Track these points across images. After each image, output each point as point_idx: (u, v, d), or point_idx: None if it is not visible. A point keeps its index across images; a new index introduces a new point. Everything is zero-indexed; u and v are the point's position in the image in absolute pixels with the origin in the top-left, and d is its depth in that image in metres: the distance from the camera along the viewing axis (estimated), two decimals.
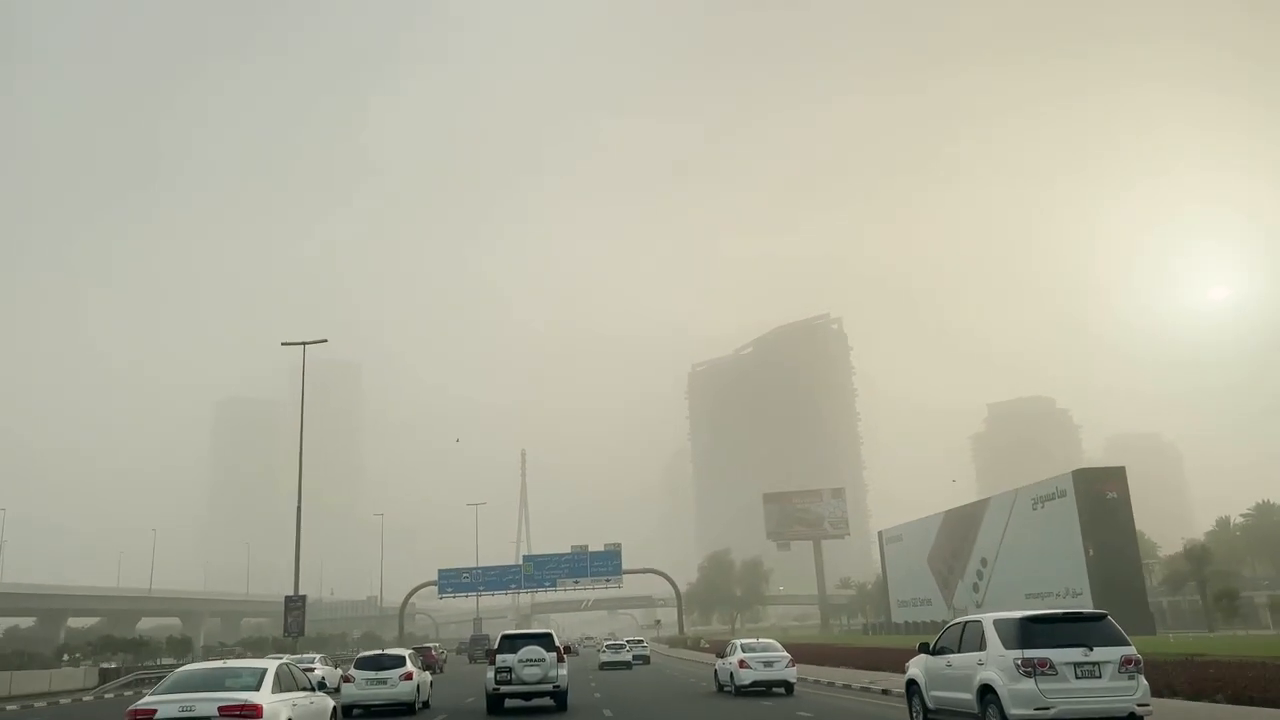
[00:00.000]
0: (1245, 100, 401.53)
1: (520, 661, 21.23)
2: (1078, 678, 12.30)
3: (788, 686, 24.94)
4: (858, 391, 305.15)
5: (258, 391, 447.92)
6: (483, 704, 22.05)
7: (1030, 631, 12.71)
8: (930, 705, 14.83)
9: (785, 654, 25.56)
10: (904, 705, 16.52)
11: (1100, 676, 12.36)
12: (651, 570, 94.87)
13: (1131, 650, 12.70)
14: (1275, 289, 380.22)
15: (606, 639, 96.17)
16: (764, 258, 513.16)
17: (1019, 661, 12.40)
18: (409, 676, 22.83)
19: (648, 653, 52.64)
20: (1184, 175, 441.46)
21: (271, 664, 13.21)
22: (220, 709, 11.44)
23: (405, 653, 24.48)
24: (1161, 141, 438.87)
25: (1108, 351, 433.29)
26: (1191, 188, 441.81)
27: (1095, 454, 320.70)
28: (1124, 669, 12.46)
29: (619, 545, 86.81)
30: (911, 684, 15.55)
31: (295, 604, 43.46)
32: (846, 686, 26.56)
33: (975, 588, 74.01)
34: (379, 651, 25.17)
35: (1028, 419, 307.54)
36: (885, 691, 23.30)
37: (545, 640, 21.76)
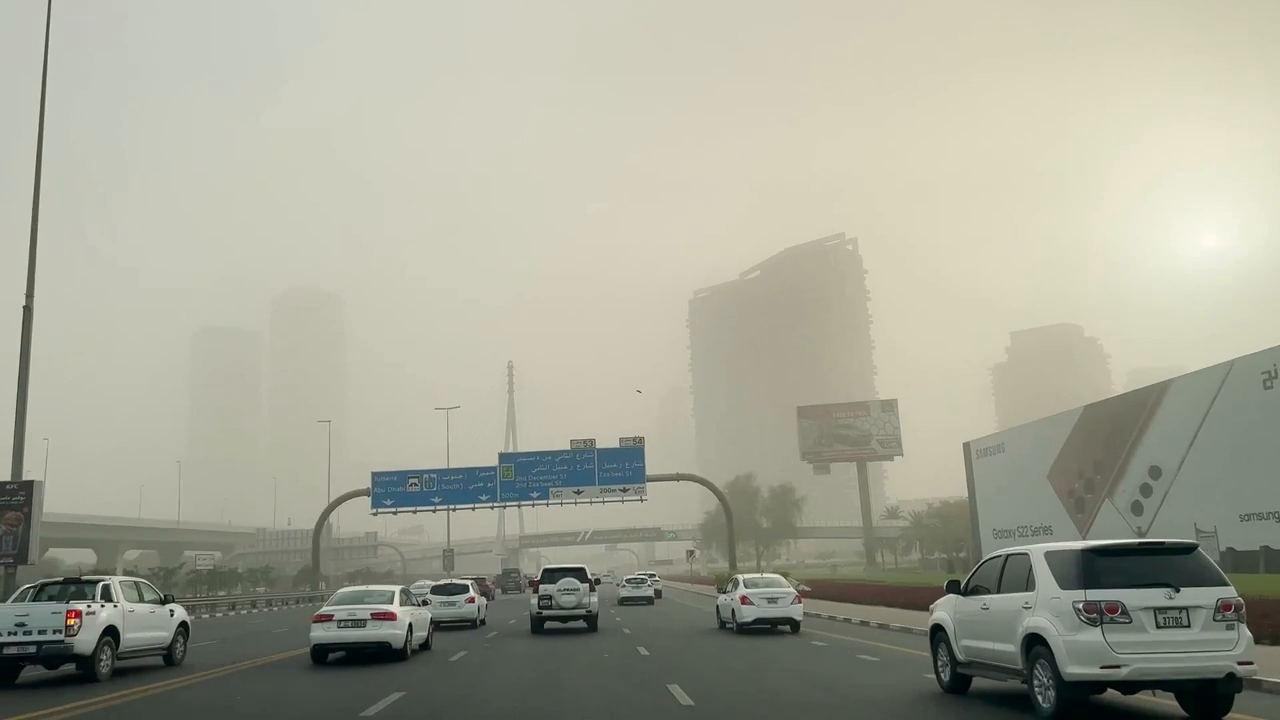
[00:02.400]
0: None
1: (559, 590, 25.26)
2: (1159, 627, 9.32)
3: (793, 624, 24.24)
4: (873, 318, 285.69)
5: (236, 322, 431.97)
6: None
7: (1095, 566, 9.62)
8: (960, 656, 11.84)
9: (791, 589, 25.01)
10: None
11: (1189, 625, 9.34)
12: (687, 476, 72.41)
13: (1230, 592, 9.51)
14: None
15: (606, 576, 79.80)
16: (774, 178, 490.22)
17: (1080, 605, 9.38)
18: (471, 600, 29.52)
19: (660, 586, 56.06)
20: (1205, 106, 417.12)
21: (396, 588, 20.09)
22: (372, 614, 18.16)
23: (469, 582, 31.96)
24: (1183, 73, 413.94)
25: (1126, 281, 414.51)
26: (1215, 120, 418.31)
27: (1120, 388, 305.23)
28: (1220, 616, 9.35)
29: (641, 440, 60.34)
30: (937, 630, 12.52)
31: (10, 498, 22.05)
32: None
33: (1136, 508, 53.02)
34: (449, 580, 32.67)
35: (1053, 347, 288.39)
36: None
37: (580, 573, 26.00)
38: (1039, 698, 10.01)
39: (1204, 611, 9.43)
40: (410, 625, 18.92)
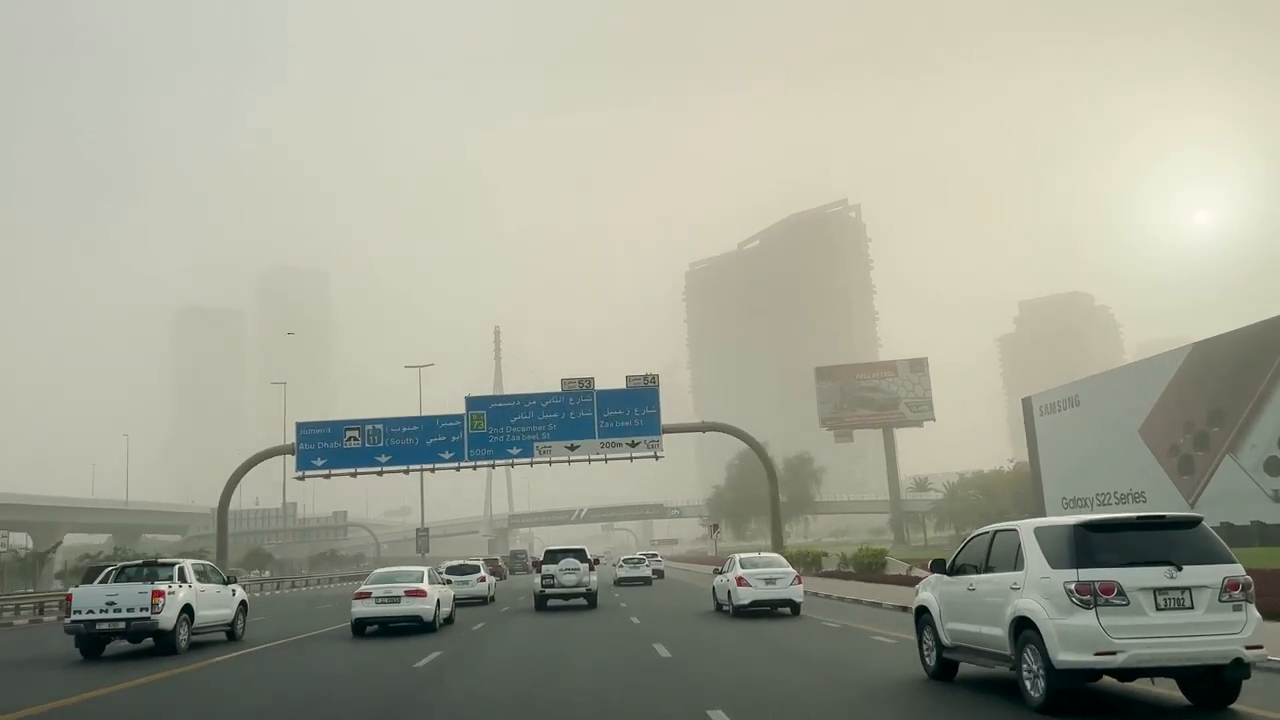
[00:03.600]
0: None
1: (561, 570, 26.63)
2: (1159, 609, 8.45)
3: (793, 606, 22.65)
4: (876, 289, 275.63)
5: (218, 301, 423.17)
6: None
7: (1088, 543, 8.75)
8: (946, 640, 10.98)
9: (790, 570, 23.46)
10: None
11: (1192, 607, 8.47)
12: (716, 426, 60.68)
13: (1237, 569, 8.65)
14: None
15: (603, 557, 74.18)
16: (774, 147, 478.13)
17: (1072, 586, 8.54)
18: (483, 579, 32.78)
19: (663, 567, 55.72)
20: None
21: (425, 568, 22.62)
22: (405, 591, 20.30)
23: (480, 563, 36.18)
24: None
25: (1122, 255, 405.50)
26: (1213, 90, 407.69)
27: (1131, 359, 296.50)
28: (1227, 596, 8.53)
29: (654, 379, 47.86)
30: (922, 612, 11.63)
31: None
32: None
33: (1271, 466, 43.26)
34: (462, 562, 36.27)
35: (1063, 317, 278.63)
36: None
37: (580, 554, 27.49)
38: (1028, 686, 9.06)
39: (1209, 591, 8.55)
40: (438, 601, 21.12)
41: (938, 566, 11.38)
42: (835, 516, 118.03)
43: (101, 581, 18.00)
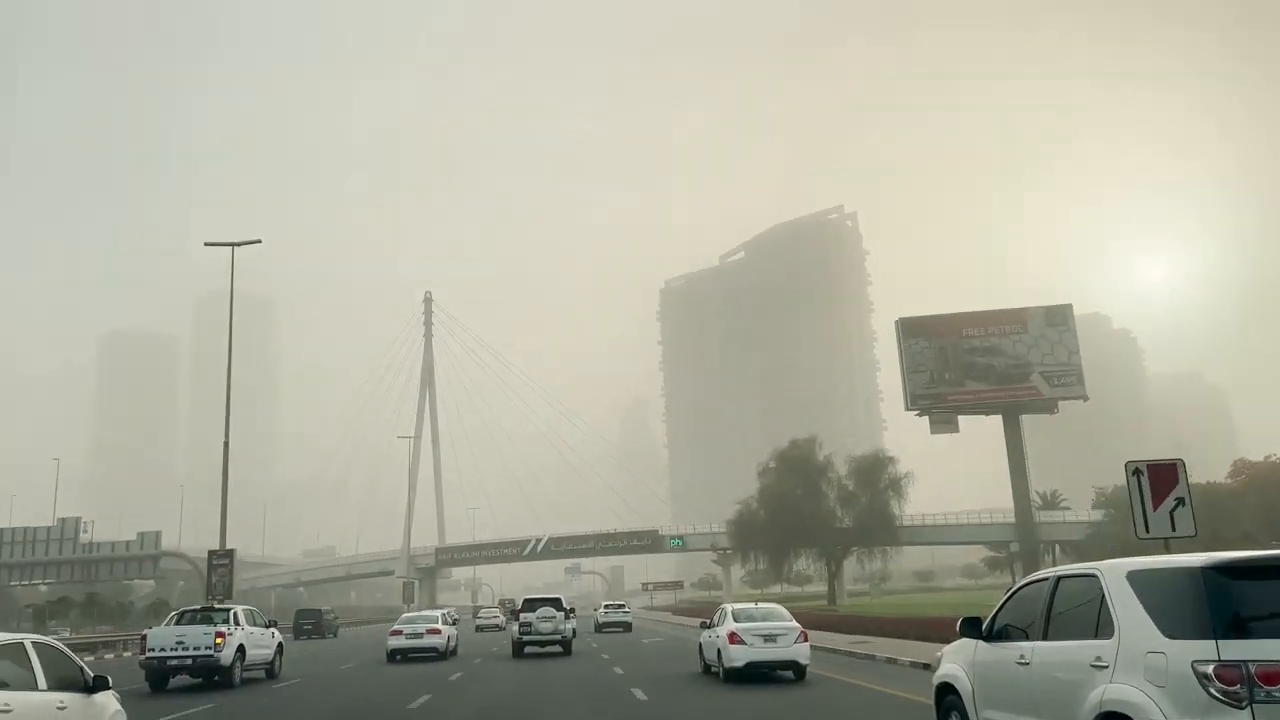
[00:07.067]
0: None
1: (538, 618, 28.64)
2: None
3: (797, 669, 19.08)
4: (874, 305, 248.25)
5: (151, 324, 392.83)
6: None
7: (1231, 596, 5.19)
8: None
9: (794, 625, 19.33)
10: None
11: None
12: None
13: None
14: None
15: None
16: (760, 152, 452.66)
17: (1209, 670, 5.02)
18: (453, 624, 34.82)
19: (629, 618, 53.14)
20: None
21: (439, 611, 32.98)
22: (426, 629, 28.74)
23: (453, 610, 42.78)
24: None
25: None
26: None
27: (1154, 391, 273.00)
28: None
29: None
30: (946, 691, 8.11)
31: None
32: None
33: None
34: (442, 610, 40.05)
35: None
36: None
37: (556, 603, 29.70)
38: None
39: None
40: (449, 637, 29.76)
41: (970, 628, 7.81)
42: (922, 550, 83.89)
43: (168, 624, 21.86)
